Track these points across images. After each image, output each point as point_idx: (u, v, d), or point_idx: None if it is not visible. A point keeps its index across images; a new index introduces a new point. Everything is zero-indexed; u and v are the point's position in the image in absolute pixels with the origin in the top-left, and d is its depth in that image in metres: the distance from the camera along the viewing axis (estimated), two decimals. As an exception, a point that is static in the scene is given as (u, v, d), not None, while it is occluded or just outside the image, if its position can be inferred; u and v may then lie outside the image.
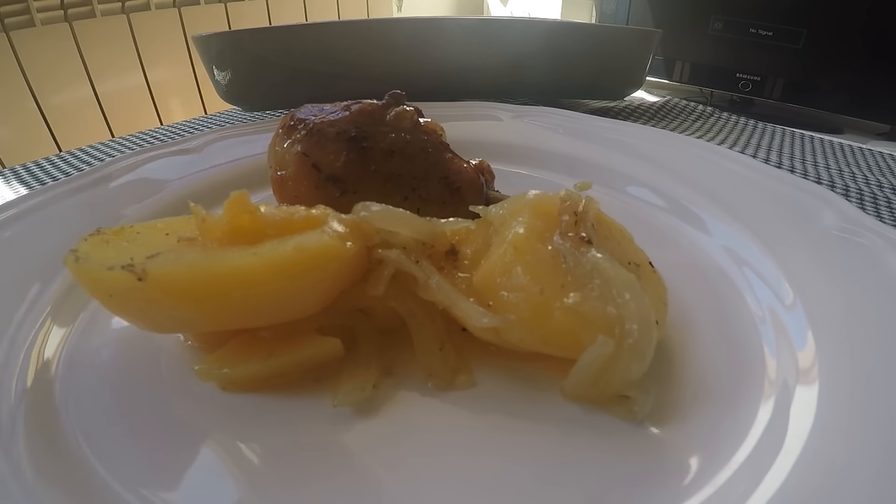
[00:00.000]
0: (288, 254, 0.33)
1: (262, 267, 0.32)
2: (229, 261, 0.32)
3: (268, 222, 0.35)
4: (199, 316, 0.34)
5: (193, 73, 1.99)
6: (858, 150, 0.85)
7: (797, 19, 1.11)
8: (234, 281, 0.32)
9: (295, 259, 0.33)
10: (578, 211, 0.38)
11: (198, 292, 0.32)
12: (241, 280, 0.32)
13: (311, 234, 0.34)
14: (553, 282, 0.35)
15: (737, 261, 0.48)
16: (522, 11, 2.46)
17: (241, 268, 0.32)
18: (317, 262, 0.33)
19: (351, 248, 0.35)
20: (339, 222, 0.36)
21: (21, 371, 0.37)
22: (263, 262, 0.32)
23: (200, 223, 0.36)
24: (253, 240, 0.34)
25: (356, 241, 0.36)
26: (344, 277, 0.36)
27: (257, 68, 0.84)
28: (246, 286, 0.32)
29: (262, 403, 0.35)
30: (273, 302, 0.34)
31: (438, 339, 0.38)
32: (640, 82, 0.98)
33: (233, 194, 0.35)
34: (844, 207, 0.50)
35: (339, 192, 0.44)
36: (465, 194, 0.46)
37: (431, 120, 0.51)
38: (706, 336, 0.41)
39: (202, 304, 0.33)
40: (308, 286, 0.34)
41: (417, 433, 0.34)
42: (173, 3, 1.88)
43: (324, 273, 0.34)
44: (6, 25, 1.55)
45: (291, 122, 0.48)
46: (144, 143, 0.81)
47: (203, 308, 0.33)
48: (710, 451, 0.32)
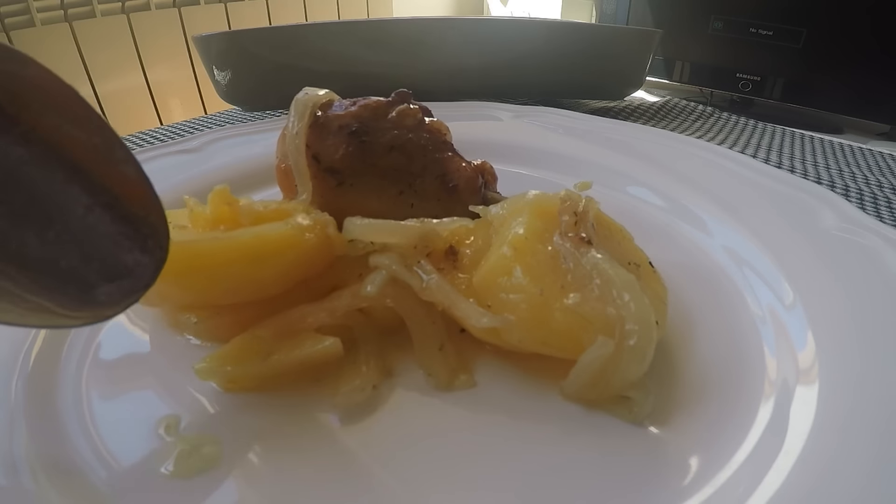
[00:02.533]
0: (249, 240, 0.38)
1: (226, 250, 0.37)
2: (199, 243, 0.38)
3: (243, 213, 0.40)
4: (177, 291, 0.38)
5: (193, 73, 1.99)
6: (858, 150, 0.85)
7: (797, 19, 1.11)
8: (202, 260, 0.37)
9: (254, 245, 0.38)
10: (578, 211, 0.38)
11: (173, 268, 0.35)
12: (208, 261, 0.37)
13: (275, 224, 0.39)
14: (553, 282, 0.35)
15: (737, 261, 0.48)
16: (522, 11, 2.46)
17: (208, 249, 0.37)
18: (275, 249, 0.38)
19: (310, 238, 0.39)
20: (304, 216, 0.41)
21: (21, 370, 0.37)
22: (227, 246, 0.37)
23: (190, 213, 0.41)
24: (230, 228, 0.40)
25: (316, 234, 0.40)
26: (303, 265, 0.40)
27: (257, 68, 0.84)
28: (212, 266, 0.37)
29: (262, 403, 0.35)
30: (236, 281, 0.38)
31: (438, 339, 0.38)
32: (640, 82, 0.98)
33: (215, 188, 0.40)
34: (844, 207, 0.50)
35: (336, 183, 0.45)
36: (461, 193, 0.47)
37: (437, 119, 0.52)
38: (706, 336, 0.41)
39: (178, 279, 0.37)
40: (267, 270, 0.38)
41: (417, 433, 0.34)
42: (173, 3, 1.88)
43: (282, 259, 0.38)
44: (6, 25, 1.55)
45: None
46: (144, 143, 0.81)
47: (179, 283, 0.37)
48: (710, 451, 0.32)
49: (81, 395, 0.36)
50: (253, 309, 0.39)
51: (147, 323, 0.42)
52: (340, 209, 0.44)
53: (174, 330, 0.41)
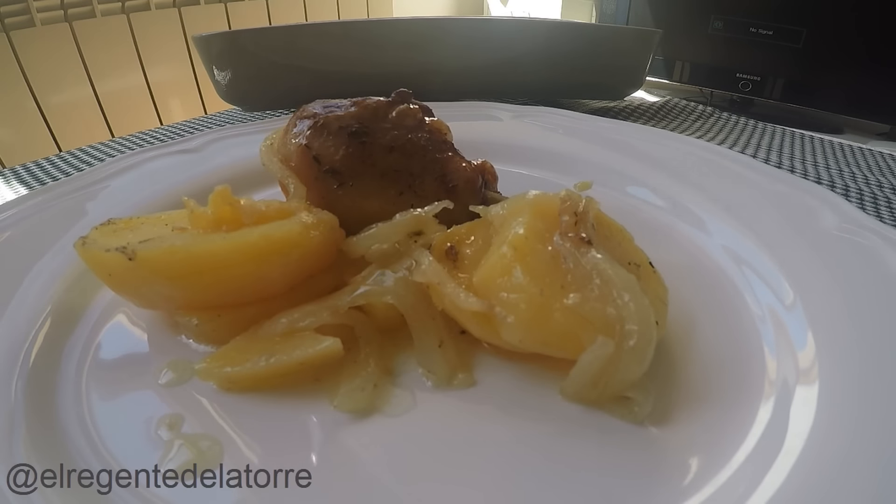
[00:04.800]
0: (254, 240, 0.38)
1: (232, 251, 0.37)
2: (204, 245, 0.37)
3: (245, 213, 0.40)
4: (181, 292, 0.38)
5: (193, 73, 1.99)
6: (858, 150, 0.85)
7: (797, 19, 1.11)
8: (208, 262, 0.37)
9: (260, 244, 0.38)
10: (578, 211, 0.38)
11: (178, 271, 0.37)
12: (213, 261, 0.37)
13: (279, 224, 0.39)
14: (553, 282, 0.35)
15: (737, 261, 0.48)
16: (522, 11, 2.46)
17: (214, 251, 0.37)
18: (280, 248, 0.38)
19: (315, 237, 0.40)
20: (307, 214, 0.41)
21: (21, 370, 0.37)
22: (233, 246, 0.37)
23: (190, 214, 0.41)
24: (232, 229, 0.39)
25: (321, 231, 0.40)
26: (308, 263, 0.40)
27: (257, 68, 0.84)
28: (218, 267, 0.37)
29: (262, 403, 0.35)
30: (242, 281, 0.38)
31: (437, 336, 0.38)
32: (640, 82, 0.98)
33: (216, 188, 0.40)
34: (844, 207, 0.50)
35: (337, 184, 0.45)
36: (461, 193, 0.47)
37: (438, 119, 0.52)
38: (706, 336, 0.41)
39: (183, 282, 0.37)
40: (273, 269, 0.39)
41: (417, 433, 0.34)
42: (173, 3, 1.88)
43: (287, 258, 0.39)
44: (6, 25, 1.55)
45: (301, 115, 0.49)
46: (144, 143, 0.81)
47: (184, 285, 0.37)
48: (710, 451, 0.32)
49: (81, 395, 0.36)
50: (253, 309, 0.39)
51: (147, 323, 0.42)
52: (341, 210, 0.44)
53: (174, 331, 0.41)
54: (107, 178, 0.58)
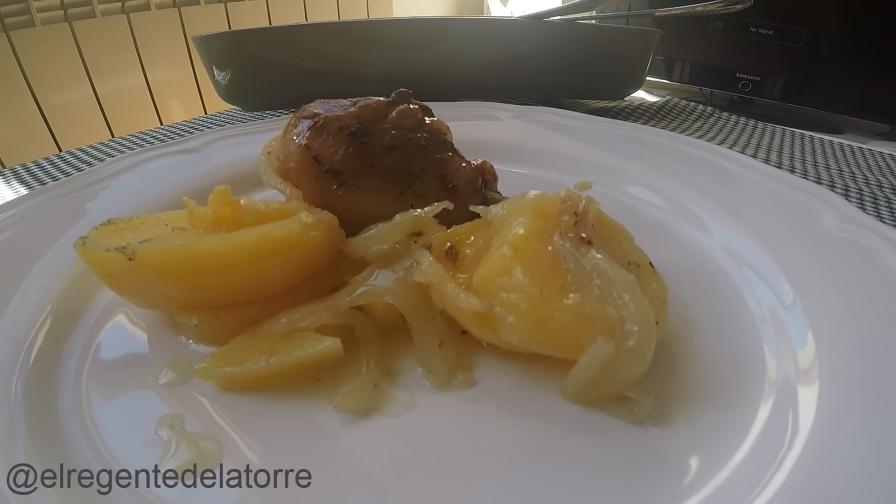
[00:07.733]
0: (254, 240, 0.38)
1: (232, 251, 0.37)
2: (204, 245, 0.37)
3: (245, 213, 0.40)
4: (181, 292, 0.38)
5: (193, 73, 1.99)
6: (858, 150, 0.85)
7: (797, 19, 1.11)
8: (208, 262, 0.37)
9: (260, 245, 0.37)
10: (578, 211, 0.38)
11: (178, 271, 0.36)
12: (213, 262, 0.37)
13: (279, 224, 0.39)
14: (553, 282, 0.35)
15: (737, 261, 0.48)
16: (522, 11, 2.46)
17: (214, 251, 0.37)
18: (280, 248, 0.38)
19: (315, 237, 0.40)
20: (307, 214, 0.41)
21: (21, 370, 0.37)
22: (233, 246, 0.37)
23: (190, 214, 0.41)
24: (232, 228, 0.39)
25: (321, 231, 0.40)
26: (308, 263, 0.40)
27: (257, 68, 0.84)
28: (218, 267, 0.37)
29: (262, 403, 0.35)
30: (242, 281, 0.38)
31: (437, 336, 0.38)
32: (640, 82, 0.98)
33: (216, 189, 0.40)
34: (844, 207, 0.50)
35: (337, 184, 0.45)
36: (461, 193, 0.47)
37: (438, 119, 0.52)
38: (706, 336, 0.41)
39: (182, 282, 0.37)
40: (273, 269, 0.39)
41: (417, 433, 0.34)
42: (173, 3, 1.88)
43: (287, 258, 0.39)
44: (6, 25, 1.55)
45: (301, 115, 0.49)
46: (144, 143, 0.81)
47: (183, 285, 0.37)
48: (710, 451, 0.32)
49: (81, 395, 0.36)
50: (253, 309, 0.39)
51: (147, 323, 0.42)
52: (341, 210, 0.44)
53: (174, 331, 0.41)
54: (107, 178, 0.58)
